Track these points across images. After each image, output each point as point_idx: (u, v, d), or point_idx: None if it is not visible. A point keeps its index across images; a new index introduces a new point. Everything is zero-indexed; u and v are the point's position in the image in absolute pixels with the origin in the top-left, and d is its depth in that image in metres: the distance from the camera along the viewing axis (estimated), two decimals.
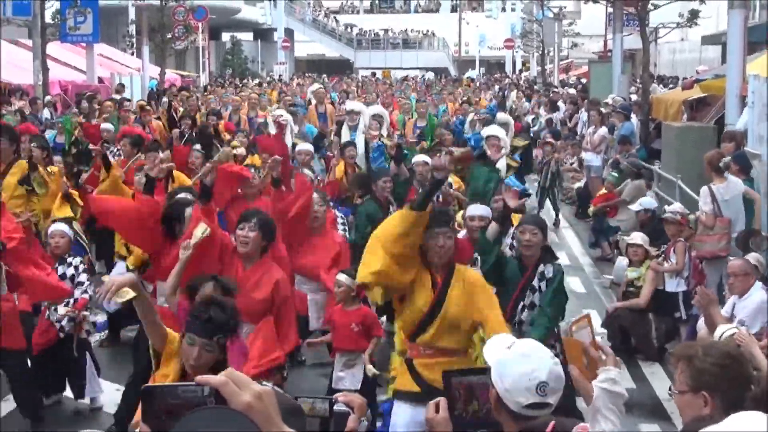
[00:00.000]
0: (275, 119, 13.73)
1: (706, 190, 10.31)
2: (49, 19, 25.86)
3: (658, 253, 10.61)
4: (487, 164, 10.27)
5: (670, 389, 3.63)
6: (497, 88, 39.73)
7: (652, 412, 8.52)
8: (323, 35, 70.84)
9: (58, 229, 8.57)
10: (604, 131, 18.77)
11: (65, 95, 25.57)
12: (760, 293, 7.75)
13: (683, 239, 10.32)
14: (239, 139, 13.96)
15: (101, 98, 21.87)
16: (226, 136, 15.73)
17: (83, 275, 8.33)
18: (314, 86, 22.50)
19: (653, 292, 10.14)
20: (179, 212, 7.25)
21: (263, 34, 66.09)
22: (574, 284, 13.10)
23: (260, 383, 2.80)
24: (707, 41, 30.92)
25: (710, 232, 10.27)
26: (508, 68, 62.55)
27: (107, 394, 8.48)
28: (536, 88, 36.43)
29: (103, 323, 10.16)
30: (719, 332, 5.73)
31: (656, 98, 20.64)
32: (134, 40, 37.26)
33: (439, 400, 3.26)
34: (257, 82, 41.42)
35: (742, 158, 11.13)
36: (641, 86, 21.26)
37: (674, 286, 10.16)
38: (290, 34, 65.40)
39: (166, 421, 1.76)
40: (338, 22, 74.07)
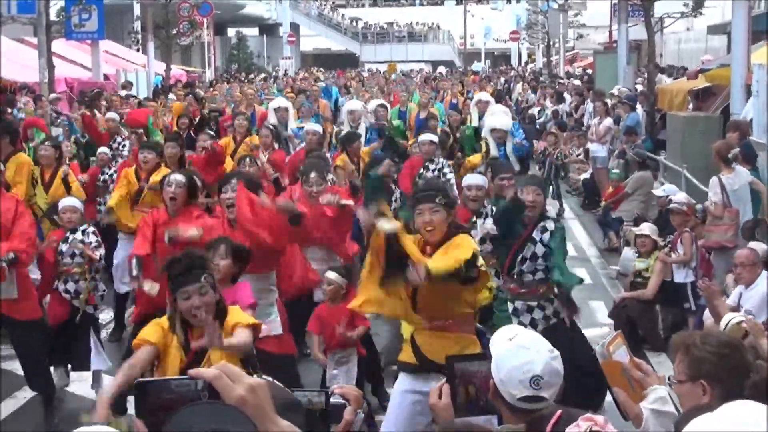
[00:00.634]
0: (274, 108, 13.84)
1: (715, 180, 10.30)
2: (54, 16, 25.93)
3: (664, 243, 10.60)
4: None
5: (669, 379, 3.64)
6: (503, 80, 39.70)
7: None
8: (329, 29, 70.80)
9: (69, 204, 8.66)
10: (609, 122, 18.74)
11: (71, 92, 25.58)
12: (766, 283, 7.75)
13: (689, 229, 10.31)
14: (239, 121, 13.78)
15: (108, 95, 21.88)
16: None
17: (92, 236, 8.44)
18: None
19: (661, 283, 10.14)
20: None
21: (269, 28, 66.08)
22: (580, 275, 13.02)
23: (260, 376, 2.81)
24: (713, 31, 30.78)
25: (719, 222, 10.26)
26: (513, 60, 62.45)
27: None
28: (542, 79, 36.36)
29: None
30: (725, 320, 5.74)
31: (661, 88, 20.60)
32: (139, 36, 37.30)
33: (441, 385, 3.24)
34: (263, 76, 41.42)
35: (747, 148, 11.12)
36: (646, 77, 21.22)
37: (682, 277, 10.14)
38: (296, 28, 65.35)
39: (160, 415, 1.77)
40: (344, 15, 74.04)
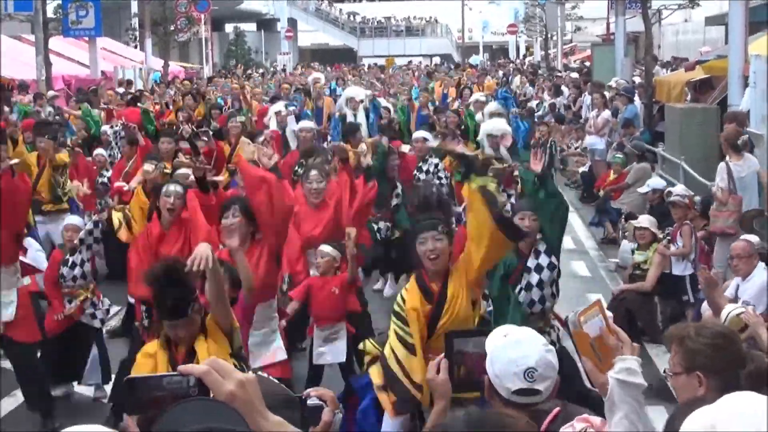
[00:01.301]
0: (276, 114, 13.81)
1: (723, 166, 10.27)
2: (51, 13, 25.91)
3: (663, 235, 10.60)
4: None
5: (665, 371, 3.65)
6: (501, 73, 39.66)
7: (657, 393, 8.50)
8: (326, 24, 70.74)
9: (71, 223, 8.74)
10: (607, 114, 18.74)
11: (69, 90, 25.58)
12: (763, 274, 7.75)
13: (689, 222, 10.31)
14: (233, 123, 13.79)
15: (103, 90, 21.88)
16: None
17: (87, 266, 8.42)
18: (314, 75, 22.55)
19: (660, 275, 10.14)
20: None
21: (266, 24, 66.02)
22: (579, 268, 13.11)
23: (255, 372, 2.82)
24: (710, 22, 30.78)
25: (722, 208, 10.25)
26: (511, 53, 62.39)
27: None
28: (540, 72, 36.33)
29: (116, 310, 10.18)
30: (726, 312, 5.74)
31: (659, 80, 20.60)
32: (137, 33, 37.29)
33: (439, 360, 3.21)
34: (261, 72, 41.40)
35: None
36: (644, 69, 21.21)
37: (681, 269, 10.13)
38: (293, 23, 65.31)
39: (150, 411, 1.77)
40: (341, 10, 73.96)
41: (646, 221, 10.62)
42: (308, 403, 2.60)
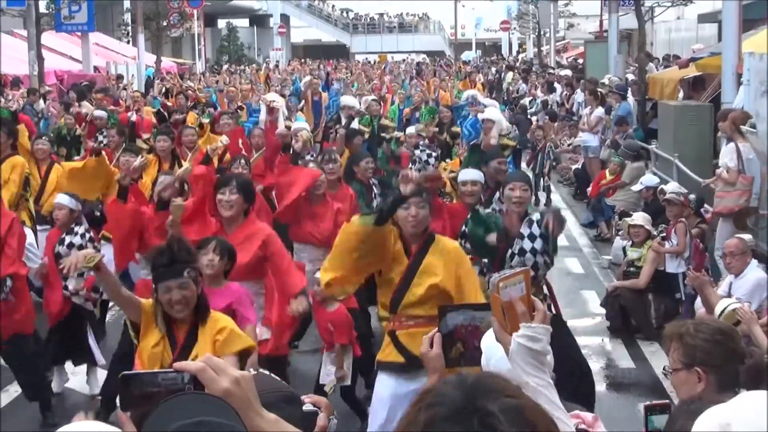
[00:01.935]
0: (267, 104, 13.71)
1: (732, 146, 10.25)
2: (43, 8, 25.82)
3: (657, 233, 10.62)
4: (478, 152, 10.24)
5: (665, 368, 3.65)
6: (494, 70, 39.67)
7: (651, 390, 8.54)
8: (319, 20, 70.67)
9: (58, 201, 8.67)
10: (600, 111, 18.75)
11: (61, 85, 25.51)
12: (755, 272, 7.79)
13: (684, 219, 10.33)
14: (225, 120, 13.76)
15: (97, 88, 21.83)
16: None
17: (89, 245, 8.39)
18: (307, 78, 22.61)
19: (653, 272, 10.16)
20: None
21: (259, 20, 65.96)
22: (572, 265, 13.13)
23: (257, 370, 2.82)
24: (703, 19, 30.81)
25: (731, 188, 10.23)
26: (504, 50, 62.39)
27: None
28: (533, 69, 36.34)
29: None
30: (721, 307, 5.76)
31: (652, 78, 20.61)
32: (129, 28, 37.20)
33: (433, 334, 3.19)
34: (254, 67, 41.36)
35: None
36: (637, 66, 21.23)
37: (675, 266, 10.15)
38: (286, 19, 65.20)
39: (144, 407, 1.76)
40: (334, 7, 73.86)
41: (640, 219, 10.64)
42: (303, 409, 2.59)
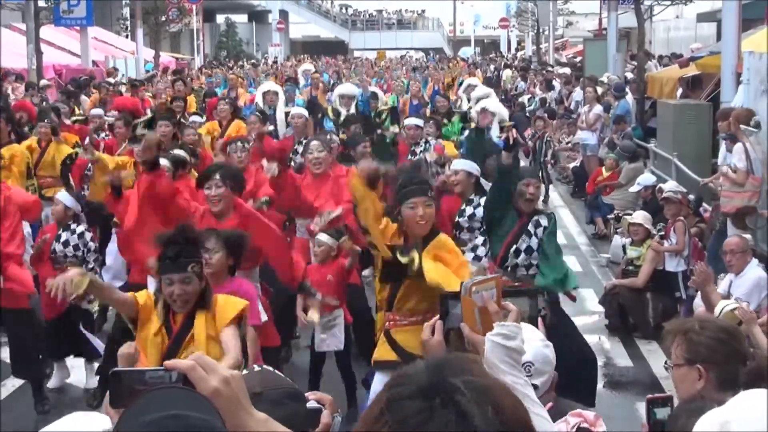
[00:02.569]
0: (264, 94, 13.79)
1: (740, 146, 10.18)
2: (42, 2, 25.81)
3: (656, 231, 10.62)
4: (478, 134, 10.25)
5: (666, 363, 3.65)
6: (492, 67, 39.65)
7: (649, 389, 8.54)
8: (318, 16, 70.59)
9: (59, 197, 8.63)
10: (599, 109, 18.72)
11: (59, 79, 25.49)
12: (756, 271, 7.78)
13: (683, 218, 10.32)
14: (221, 106, 13.73)
15: (95, 82, 21.82)
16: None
17: (90, 244, 8.39)
18: (304, 65, 22.51)
19: (652, 271, 10.15)
20: None
21: (258, 15, 65.88)
22: (570, 263, 13.06)
23: (261, 367, 2.80)
24: (702, 18, 30.80)
25: (739, 188, 10.19)
26: (503, 48, 62.38)
27: None
28: (532, 67, 36.33)
29: None
30: (720, 307, 5.77)
31: (651, 76, 20.60)
32: (128, 23, 37.18)
33: (434, 321, 3.19)
34: (252, 62, 41.34)
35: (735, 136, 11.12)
36: (636, 64, 21.23)
37: (674, 265, 10.15)
38: (285, 15, 65.17)
39: (131, 404, 1.75)
40: (333, 3, 73.82)
41: (639, 217, 10.64)
42: (307, 406, 2.59)
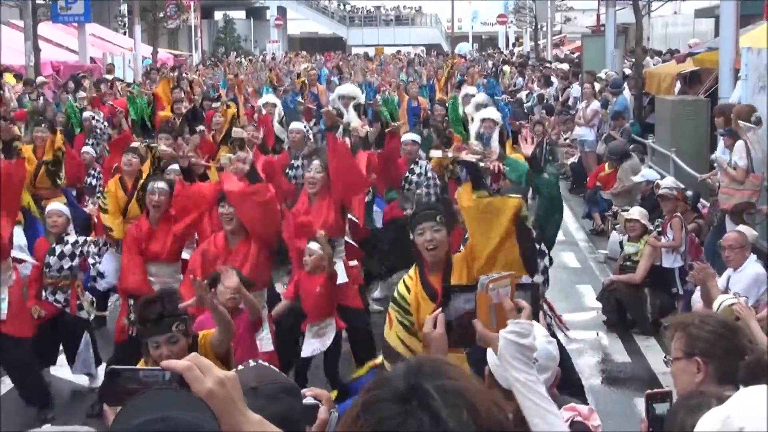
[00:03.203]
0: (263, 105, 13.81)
1: (741, 144, 10.16)
2: None
3: (653, 227, 10.62)
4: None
5: (665, 357, 3.65)
6: (490, 63, 39.61)
7: (647, 385, 8.52)
8: (316, 13, 70.55)
9: (54, 208, 8.59)
10: (596, 105, 18.72)
11: (57, 76, 25.46)
12: (754, 266, 7.78)
13: (679, 214, 10.33)
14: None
15: (93, 79, 21.76)
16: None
17: (91, 246, 8.38)
18: (303, 65, 22.49)
19: (649, 267, 10.16)
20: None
21: (256, 12, 65.81)
22: (568, 259, 13.13)
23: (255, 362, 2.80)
24: (700, 14, 30.85)
25: (739, 186, 10.18)
26: (501, 44, 62.34)
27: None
28: (530, 63, 36.32)
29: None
30: (718, 302, 5.75)
31: (649, 72, 20.59)
32: (126, 19, 37.14)
33: (437, 314, 3.18)
34: (249, 59, 41.30)
35: (733, 132, 11.10)
36: (634, 60, 21.21)
37: (671, 261, 10.16)
38: (283, 12, 65.12)
39: (125, 403, 1.74)
40: None
41: (636, 213, 10.64)
42: (304, 402, 2.58)
